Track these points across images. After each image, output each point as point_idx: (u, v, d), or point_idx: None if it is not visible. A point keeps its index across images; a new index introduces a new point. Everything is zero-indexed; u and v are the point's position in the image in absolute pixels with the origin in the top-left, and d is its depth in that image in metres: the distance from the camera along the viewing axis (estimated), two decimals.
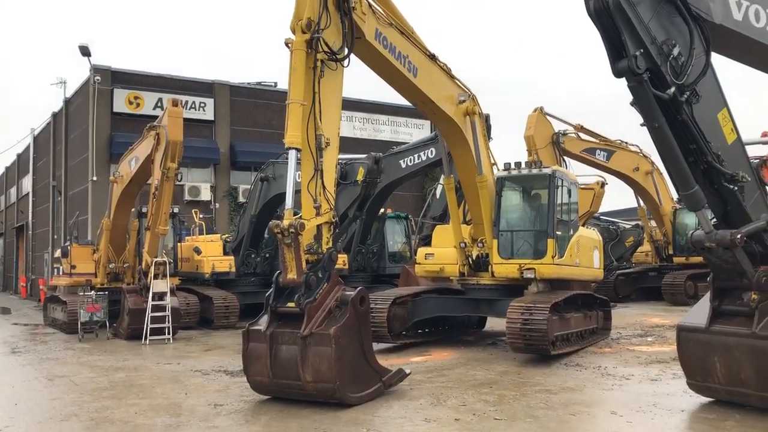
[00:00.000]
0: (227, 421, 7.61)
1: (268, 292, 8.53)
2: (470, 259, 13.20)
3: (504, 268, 12.70)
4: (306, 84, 8.71)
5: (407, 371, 9.25)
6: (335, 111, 9.28)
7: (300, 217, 8.41)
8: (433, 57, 11.40)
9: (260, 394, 8.67)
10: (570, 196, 13.32)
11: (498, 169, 13.39)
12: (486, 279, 13.05)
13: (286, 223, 8.16)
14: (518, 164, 13.27)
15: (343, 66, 9.30)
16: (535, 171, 13.17)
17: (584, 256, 13.51)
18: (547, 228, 12.58)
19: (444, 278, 14.11)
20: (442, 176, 14.84)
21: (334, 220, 8.92)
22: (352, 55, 9.48)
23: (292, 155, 8.55)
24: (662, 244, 24.67)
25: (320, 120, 8.78)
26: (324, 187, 8.79)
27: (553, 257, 12.34)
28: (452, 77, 12.10)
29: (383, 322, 12.22)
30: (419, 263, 14.30)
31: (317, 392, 8.06)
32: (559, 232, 12.65)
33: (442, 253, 13.82)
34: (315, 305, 8.18)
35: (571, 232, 13.17)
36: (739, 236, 7.25)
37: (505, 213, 13.16)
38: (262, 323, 8.47)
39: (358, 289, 8.61)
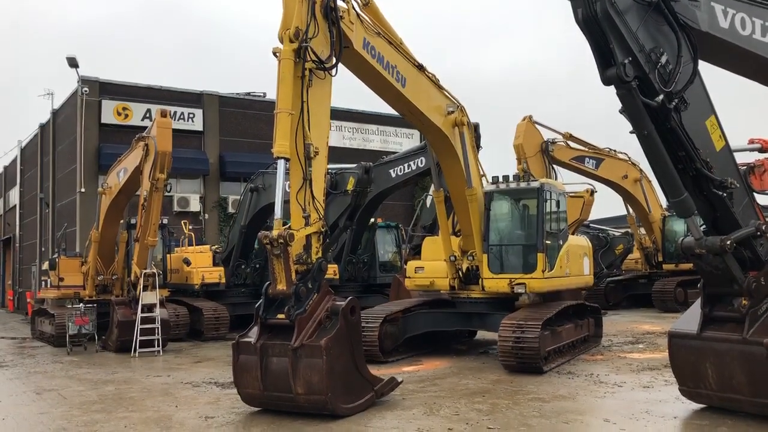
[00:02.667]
0: None
1: (258, 304, 8.46)
2: (460, 273, 13.13)
3: (494, 283, 12.59)
4: (294, 93, 8.69)
5: (399, 379, 9.19)
6: (324, 120, 9.25)
7: (289, 228, 8.36)
8: (421, 67, 11.40)
9: (251, 407, 8.59)
10: (559, 207, 13.17)
11: (487, 182, 13.30)
12: (477, 292, 12.94)
13: (275, 233, 8.12)
14: (506, 177, 13.12)
15: (331, 75, 9.29)
16: (523, 185, 12.98)
17: (574, 265, 13.48)
18: (536, 242, 12.46)
19: (435, 291, 14.02)
20: (432, 188, 14.78)
21: (323, 230, 8.87)
22: (341, 65, 9.48)
23: (280, 165, 8.53)
24: (652, 251, 24.78)
25: (309, 129, 8.76)
26: (313, 197, 8.75)
27: (543, 271, 12.22)
28: (440, 88, 12.09)
29: (374, 341, 11.98)
30: (409, 277, 14.18)
31: (309, 404, 7.99)
32: (548, 244, 12.53)
33: (432, 267, 13.72)
34: (305, 316, 8.11)
35: (561, 243, 13.03)
36: (728, 242, 7.29)
37: (494, 227, 13.05)
38: (252, 335, 8.40)
39: (349, 299, 8.56)
